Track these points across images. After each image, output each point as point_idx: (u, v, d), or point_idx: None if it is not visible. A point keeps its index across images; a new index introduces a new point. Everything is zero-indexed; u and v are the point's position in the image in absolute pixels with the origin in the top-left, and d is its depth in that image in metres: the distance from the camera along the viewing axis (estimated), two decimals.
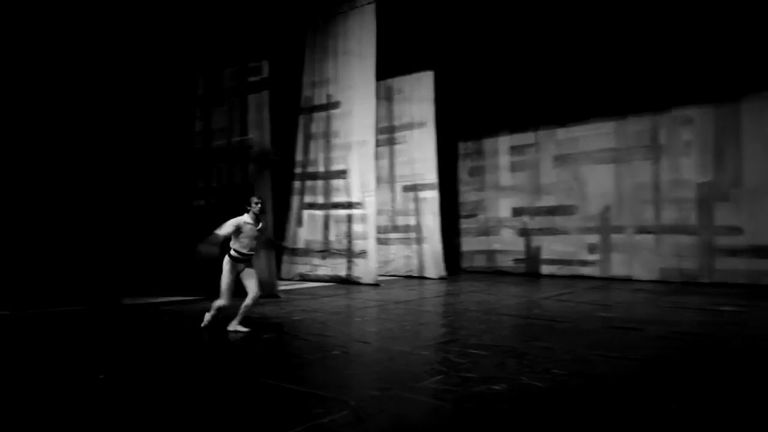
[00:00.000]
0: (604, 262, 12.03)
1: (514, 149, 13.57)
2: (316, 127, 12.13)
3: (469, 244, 14.35)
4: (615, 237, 11.90)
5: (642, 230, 11.51)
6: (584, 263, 12.29)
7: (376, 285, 10.79)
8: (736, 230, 10.44)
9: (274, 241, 6.89)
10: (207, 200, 9.76)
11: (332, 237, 11.67)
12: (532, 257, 13.13)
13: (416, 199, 12.89)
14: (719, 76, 10.45)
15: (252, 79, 9.41)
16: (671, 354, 4.72)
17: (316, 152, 12.11)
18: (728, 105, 10.53)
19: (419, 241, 12.80)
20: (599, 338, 5.50)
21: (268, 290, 8.89)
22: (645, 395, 3.57)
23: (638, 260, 11.56)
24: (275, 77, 9.99)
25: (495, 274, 13.35)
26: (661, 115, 11.33)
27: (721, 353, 4.81)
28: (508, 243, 13.59)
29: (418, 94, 12.85)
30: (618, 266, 11.82)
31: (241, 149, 9.44)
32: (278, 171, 10.97)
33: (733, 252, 10.42)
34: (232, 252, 5.72)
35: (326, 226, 11.80)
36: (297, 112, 12.46)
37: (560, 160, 12.78)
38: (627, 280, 11.39)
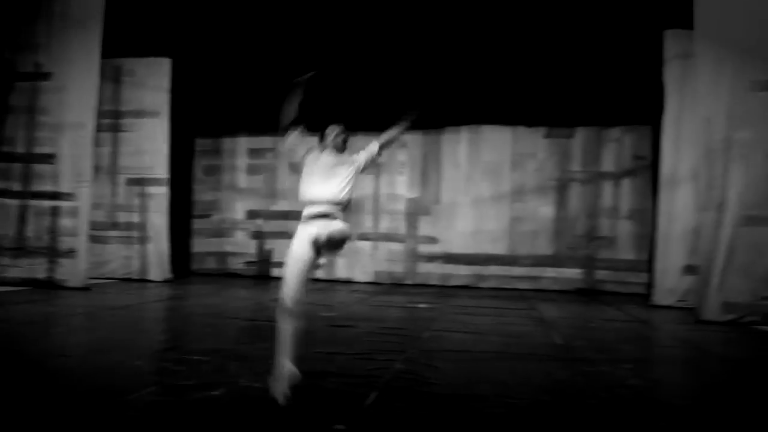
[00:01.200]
0: (329, 266, 12.96)
1: (252, 152, 13.59)
2: (17, 100, 10.02)
3: (200, 245, 13.75)
4: None
5: (363, 237, 12.79)
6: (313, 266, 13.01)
7: (86, 289, 9.46)
8: (433, 240, 12.45)
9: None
10: None
11: (30, 232, 9.80)
12: (264, 260, 13.31)
13: (142, 195, 11.77)
14: (428, 108, 12.35)
15: None
16: (378, 348, 5.36)
17: (15, 129, 10.02)
18: (433, 134, 12.54)
19: (143, 240, 11.70)
20: (320, 336, 5.90)
21: None
22: (354, 386, 3.97)
23: (358, 264, 12.81)
24: None
25: (226, 276, 13.11)
26: None
27: (416, 343, 5.67)
28: (241, 245, 13.50)
29: (153, 81, 11.76)
30: (341, 269, 12.88)
31: None
32: None
33: (431, 258, 12.41)
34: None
35: (22, 219, 9.84)
36: None
37: (296, 167, 13.27)
38: (348, 282, 12.50)
